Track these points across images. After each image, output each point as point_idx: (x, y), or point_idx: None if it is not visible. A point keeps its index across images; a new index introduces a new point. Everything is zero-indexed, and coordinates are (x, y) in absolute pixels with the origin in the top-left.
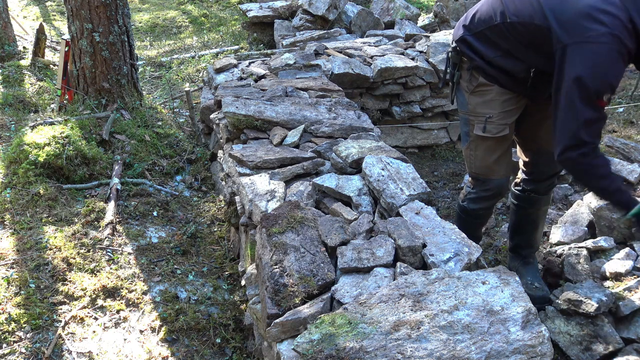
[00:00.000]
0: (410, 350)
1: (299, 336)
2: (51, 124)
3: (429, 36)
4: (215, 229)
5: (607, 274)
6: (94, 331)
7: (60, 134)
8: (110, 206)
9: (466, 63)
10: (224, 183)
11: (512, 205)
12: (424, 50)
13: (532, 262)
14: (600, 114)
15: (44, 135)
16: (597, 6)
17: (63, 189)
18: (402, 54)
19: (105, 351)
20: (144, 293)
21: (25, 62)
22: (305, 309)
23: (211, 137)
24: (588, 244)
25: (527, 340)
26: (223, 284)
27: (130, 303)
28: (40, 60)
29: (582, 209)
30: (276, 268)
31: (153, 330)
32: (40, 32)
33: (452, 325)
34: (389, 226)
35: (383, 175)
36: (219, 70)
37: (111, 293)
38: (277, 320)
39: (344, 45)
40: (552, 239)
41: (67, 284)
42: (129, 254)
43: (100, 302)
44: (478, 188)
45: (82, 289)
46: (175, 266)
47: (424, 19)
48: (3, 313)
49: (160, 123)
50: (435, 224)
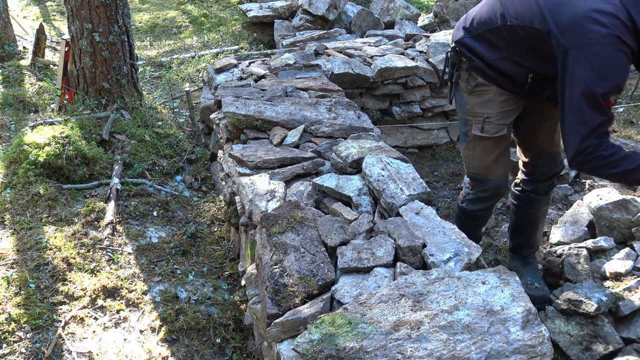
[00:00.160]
0: (410, 350)
1: (299, 336)
2: (51, 124)
3: (429, 36)
4: (215, 229)
5: (607, 274)
6: (94, 331)
7: (60, 134)
8: (110, 206)
9: (465, 63)
10: (224, 183)
11: (512, 205)
12: (424, 50)
13: (532, 262)
14: (607, 116)
15: (44, 135)
16: (596, 7)
17: (63, 189)
18: (402, 54)
19: (105, 351)
20: (144, 293)
21: (25, 62)
22: (305, 309)
23: (211, 137)
24: (588, 244)
25: (527, 340)
26: (223, 284)
27: (130, 303)
28: (40, 60)
29: (582, 209)
30: (276, 268)
31: (153, 330)
32: (40, 32)
33: (452, 325)
34: (389, 226)
35: (383, 175)
36: (219, 70)
37: (111, 293)
38: (277, 320)
39: (344, 45)
40: (552, 239)
41: (67, 284)
42: (129, 254)
43: (100, 302)
44: (476, 189)
45: (82, 289)
46: (175, 266)
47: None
48: (3, 313)
49: (160, 123)
50: (435, 224)
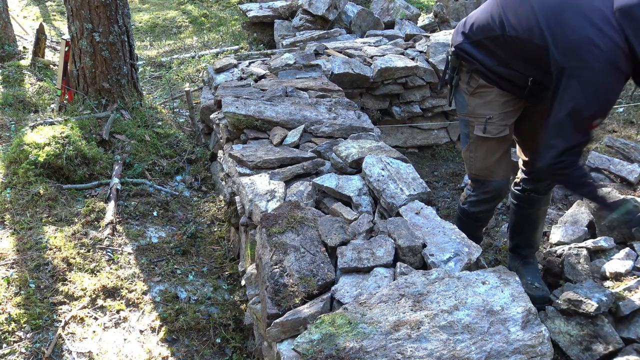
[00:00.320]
0: (410, 350)
1: (299, 336)
2: (51, 124)
3: (429, 36)
4: (215, 229)
5: (607, 274)
6: (94, 331)
7: (60, 134)
8: (110, 206)
9: (465, 67)
10: (224, 183)
11: (512, 205)
12: (424, 50)
13: (532, 262)
14: (587, 137)
15: (44, 135)
16: (596, 32)
17: (63, 189)
18: (402, 54)
19: (105, 351)
20: (144, 293)
21: (25, 62)
22: (305, 309)
23: (211, 137)
24: (588, 244)
25: (527, 340)
26: (223, 284)
27: (130, 303)
28: (40, 60)
29: (582, 209)
30: (276, 268)
31: (153, 330)
32: (40, 32)
33: (452, 325)
34: (389, 226)
35: (383, 175)
36: (219, 70)
37: (111, 293)
38: (277, 320)
39: (344, 45)
40: (552, 239)
41: (67, 284)
42: (129, 254)
43: (100, 302)
44: (478, 190)
45: (82, 289)
46: (175, 266)
47: (424, 19)
48: (3, 313)
49: (160, 123)
50: (435, 224)
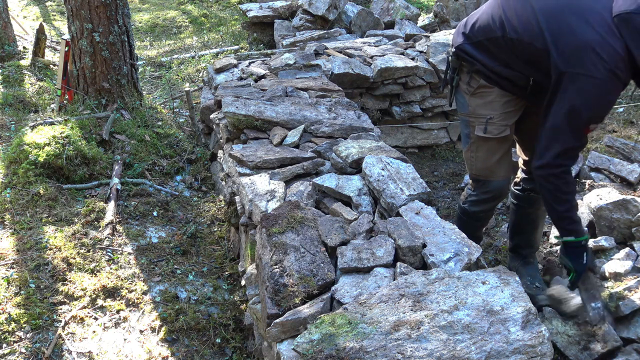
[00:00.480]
0: (410, 350)
1: (299, 336)
2: (51, 124)
3: (429, 36)
4: (215, 229)
5: (607, 274)
6: (94, 331)
7: (60, 134)
8: (110, 206)
9: (466, 67)
10: (224, 183)
11: (512, 205)
12: (424, 50)
13: (532, 262)
14: (583, 141)
15: (44, 135)
16: (597, 39)
17: (63, 189)
18: (402, 54)
19: (105, 351)
20: (144, 293)
21: (25, 62)
22: (305, 309)
23: (211, 137)
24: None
25: (527, 340)
26: (223, 284)
27: (130, 303)
28: (40, 60)
29: (582, 209)
30: (276, 268)
31: (153, 330)
32: (40, 32)
33: (452, 325)
34: (389, 226)
35: (383, 175)
36: (219, 70)
37: (111, 293)
38: (277, 320)
39: (344, 45)
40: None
41: (67, 284)
42: (129, 254)
43: (100, 302)
44: (479, 190)
45: (82, 289)
46: (175, 266)
47: (424, 19)
48: (3, 313)
49: (160, 123)
50: (435, 224)
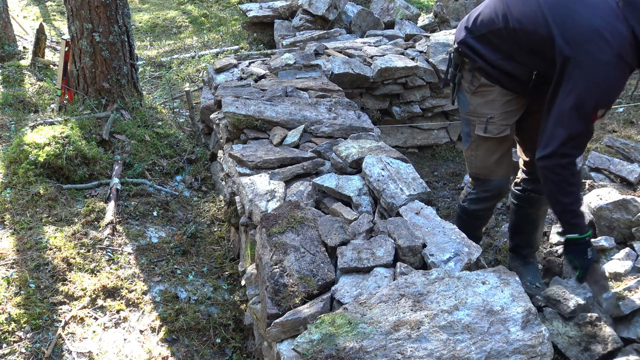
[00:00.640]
0: (410, 350)
1: (299, 336)
2: (51, 124)
3: (429, 36)
4: (215, 229)
5: (607, 274)
6: (94, 331)
7: (60, 134)
8: (110, 206)
9: (468, 64)
10: (224, 183)
11: (512, 205)
12: (424, 50)
13: (532, 262)
14: (589, 128)
15: (44, 135)
16: (603, 23)
17: (63, 189)
18: (402, 54)
19: (105, 351)
20: (144, 293)
21: (25, 62)
22: (305, 309)
23: (211, 137)
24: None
25: (527, 340)
26: (223, 284)
27: (130, 303)
28: (40, 60)
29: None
30: (276, 268)
31: (153, 330)
32: (40, 32)
33: (452, 325)
34: (389, 226)
35: (383, 175)
36: (219, 70)
37: (111, 293)
38: (277, 320)
39: (344, 45)
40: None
41: (67, 284)
42: (129, 254)
43: (100, 302)
44: (478, 189)
45: (82, 289)
46: (175, 266)
47: (424, 19)
48: (3, 313)
49: (160, 123)
50: (435, 224)
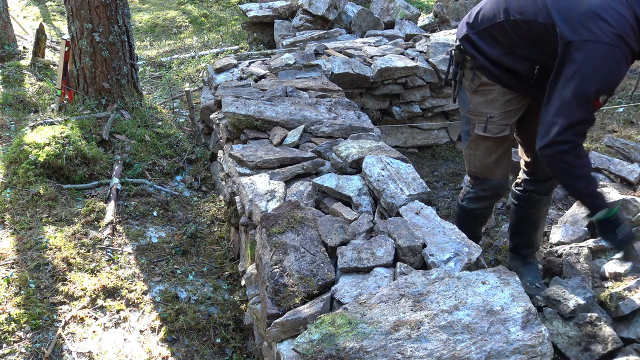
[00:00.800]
0: (410, 350)
1: (299, 336)
2: (51, 124)
3: (429, 36)
4: (215, 229)
5: (607, 274)
6: (94, 331)
7: (60, 134)
8: (110, 206)
9: (469, 62)
10: (224, 183)
11: (513, 205)
12: (424, 50)
13: (532, 262)
14: (590, 115)
15: (44, 135)
16: (603, 4)
17: (63, 189)
18: (402, 54)
19: (105, 351)
20: (144, 293)
21: (25, 62)
22: (305, 309)
23: (211, 137)
24: (589, 243)
25: (527, 340)
26: (223, 284)
27: (130, 303)
28: (40, 60)
29: (582, 209)
30: (276, 268)
31: (153, 330)
32: (40, 32)
33: (452, 325)
34: (389, 226)
35: (383, 175)
36: (219, 70)
37: (111, 293)
38: (277, 320)
39: (344, 45)
40: (552, 239)
41: (67, 284)
42: (129, 254)
43: (100, 302)
44: (477, 187)
45: (82, 289)
46: (175, 266)
47: (424, 19)
48: (3, 313)
49: (160, 123)
50: (435, 224)
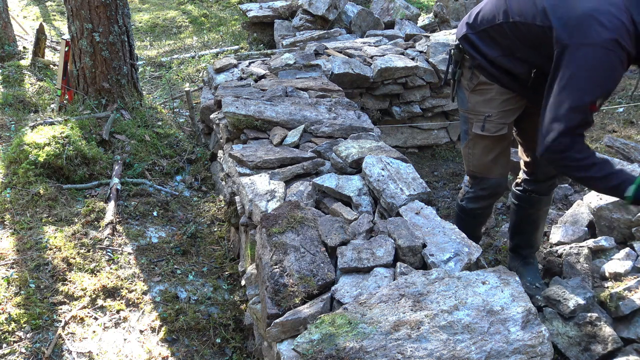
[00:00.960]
0: (410, 350)
1: (299, 336)
2: (51, 124)
3: (429, 36)
4: (215, 229)
5: (607, 274)
6: (94, 331)
7: (60, 134)
8: (110, 206)
9: (468, 61)
10: (224, 183)
11: (513, 205)
12: (424, 50)
13: (533, 262)
14: (588, 118)
15: (44, 135)
16: (601, 8)
17: (63, 189)
18: (402, 54)
19: (105, 351)
20: (144, 293)
21: (25, 62)
22: (305, 309)
23: (211, 137)
24: (589, 243)
25: (527, 340)
26: (223, 284)
27: (130, 303)
28: (40, 60)
29: (582, 209)
30: (276, 268)
31: (153, 330)
32: (40, 32)
33: (452, 325)
34: (389, 226)
35: (383, 175)
36: (219, 70)
37: (111, 293)
38: (277, 320)
39: (344, 45)
40: (552, 239)
41: (67, 284)
42: (129, 254)
43: (100, 302)
44: (476, 187)
45: (82, 289)
46: (175, 266)
47: (424, 19)
48: (3, 313)
49: (160, 123)
50: (435, 224)
